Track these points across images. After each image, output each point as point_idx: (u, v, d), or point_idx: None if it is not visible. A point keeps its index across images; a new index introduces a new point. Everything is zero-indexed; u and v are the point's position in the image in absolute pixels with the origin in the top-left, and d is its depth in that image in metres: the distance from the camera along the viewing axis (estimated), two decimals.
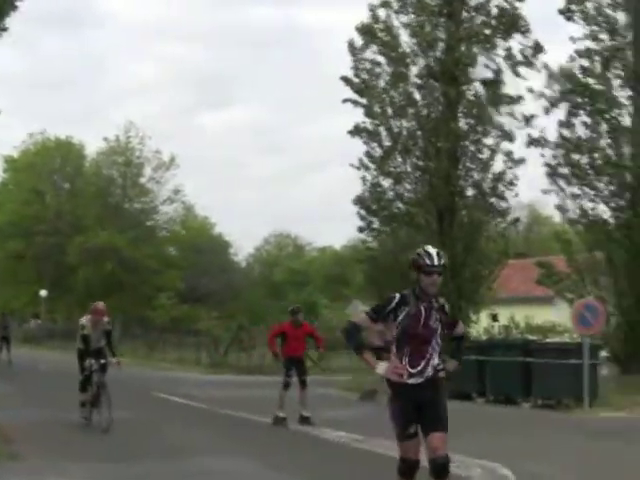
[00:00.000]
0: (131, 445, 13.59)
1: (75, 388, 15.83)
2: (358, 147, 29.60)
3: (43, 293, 64.93)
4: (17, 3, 31.23)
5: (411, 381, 7.17)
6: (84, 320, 15.47)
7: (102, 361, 15.10)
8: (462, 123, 28.20)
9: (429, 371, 7.20)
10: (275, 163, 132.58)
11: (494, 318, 33.18)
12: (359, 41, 29.38)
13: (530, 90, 27.28)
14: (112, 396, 14.61)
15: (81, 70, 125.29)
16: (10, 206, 71.25)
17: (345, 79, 29.20)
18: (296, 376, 16.74)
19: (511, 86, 27.88)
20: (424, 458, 7.36)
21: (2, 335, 34.99)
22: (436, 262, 7.09)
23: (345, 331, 7.38)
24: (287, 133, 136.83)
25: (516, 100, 27.72)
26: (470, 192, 28.28)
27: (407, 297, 7.19)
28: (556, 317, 36.38)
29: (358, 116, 29.38)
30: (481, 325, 30.26)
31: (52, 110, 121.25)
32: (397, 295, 7.22)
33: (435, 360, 7.23)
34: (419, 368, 7.19)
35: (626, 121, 26.80)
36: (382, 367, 7.17)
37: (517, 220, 30.11)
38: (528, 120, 27.55)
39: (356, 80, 29.20)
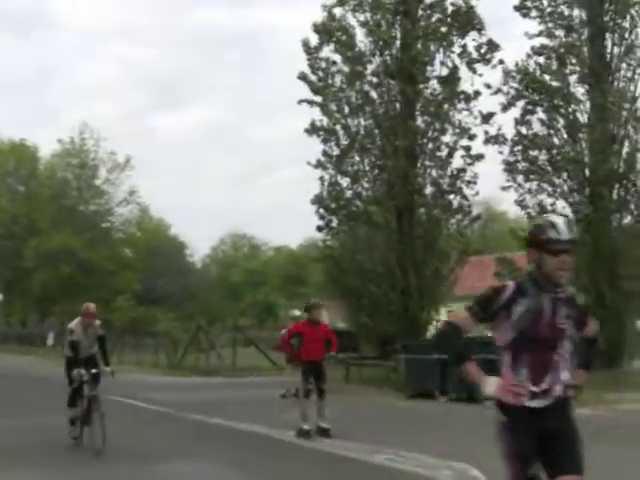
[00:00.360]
0: (89, 449, 13.26)
1: (31, 393, 15.48)
2: (314, 147, 29.44)
3: None
4: None
5: (534, 404, 5.20)
6: (73, 324, 13.46)
7: (94, 371, 13.12)
8: (419, 121, 28.08)
9: (558, 390, 5.22)
10: (230, 164, 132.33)
11: None
12: (314, 40, 29.23)
13: (487, 86, 27.31)
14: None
15: (35, 72, 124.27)
16: None
17: (302, 77, 29.00)
18: (314, 384, 14.90)
19: (467, 83, 27.86)
20: None
21: None
22: (566, 236, 5.02)
23: (441, 335, 5.63)
24: (242, 134, 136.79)
25: (473, 97, 27.69)
26: (429, 190, 28.17)
27: (525, 286, 5.17)
28: None
29: (314, 116, 29.22)
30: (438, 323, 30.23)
31: (5, 112, 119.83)
32: (511, 284, 5.22)
33: (565, 374, 5.27)
34: (544, 386, 5.19)
35: (583, 117, 26.88)
36: (492, 384, 5.10)
37: (478, 217, 30.09)
38: (486, 117, 27.53)
39: (313, 78, 29.01)
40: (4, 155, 74.56)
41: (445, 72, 27.89)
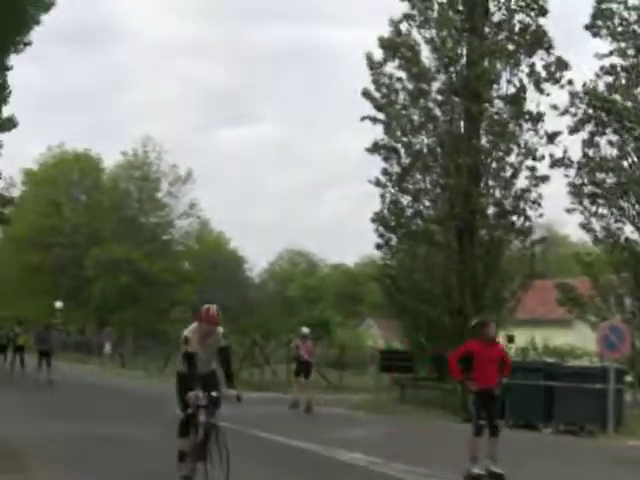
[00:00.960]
0: (148, 466, 13.03)
1: (89, 400, 15.22)
2: (375, 165, 29.05)
3: (58, 305, 64.51)
4: (40, 17, 31.29)
5: None
6: (189, 332, 10.67)
7: (214, 394, 10.44)
8: (484, 140, 27.60)
9: None
10: (291, 179, 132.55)
11: (510, 340, 32.54)
12: (378, 55, 28.91)
13: (554, 107, 26.76)
14: (128, 413, 13.53)
15: (100, 85, 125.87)
16: (28, 218, 71.23)
17: (366, 94, 28.68)
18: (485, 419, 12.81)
19: (533, 103, 27.31)
20: None
21: (40, 350, 30.68)
22: None
23: None
24: (304, 149, 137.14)
25: (539, 117, 27.15)
26: (491, 210, 27.62)
27: None
28: (574, 340, 35.82)
29: (376, 133, 28.88)
30: None
31: (70, 124, 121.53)
32: None
33: None
34: None
35: None
36: None
37: (543, 240, 29.31)
38: (551, 137, 26.98)
39: (376, 95, 28.70)
40: (68, 165, 75.58)
41: (511, 91, 27.34)
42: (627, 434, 19.65)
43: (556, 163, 26.84)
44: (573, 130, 26.72)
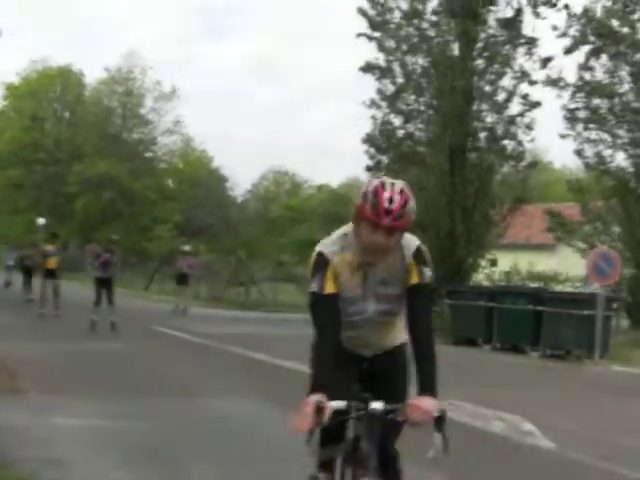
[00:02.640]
0: (138, 381, 13.08)
1: (75, 319, 15.14)
2: (363, 82, 28.76)
3: (41, 221, 63.95)
4: None
5: None
6: (329, 246, 4.40)
7: (377, 406, 4.13)
8: (478, 62, 27.33)
9: None
10: (276, 97, 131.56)
11: (493, 263, 32.65)
12: None
13: (554, 27, 26.38)
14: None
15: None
16: (10, 133, 70.41)
17: (361, 11, 28.29)
18: None
19: (529, 27, 26.99)
20: None
21: (100, 278, 21.40)
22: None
23: None
24: (289, 65, 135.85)
25: (534, 41, 26.85)
26: (483, 134, 27.50)
27: None
28: (557, 265, 36.05)
29: (365, 52, 28.55)
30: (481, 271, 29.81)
31: (54, 39, 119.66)
32: None
33: None
34: None
35: None
36: None
37: (535, 164, 29.26)
38: (546, 62, 26.73)
39: (371, 12, 28.27)
40: (51, 80, 74.46)
41: (509, 14, 26.98)
42: (612, 360, 19.89)
43: (551, 82, 26.61)
44: (569, 50, 26.40)
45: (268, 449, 8.58)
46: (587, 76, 26.40)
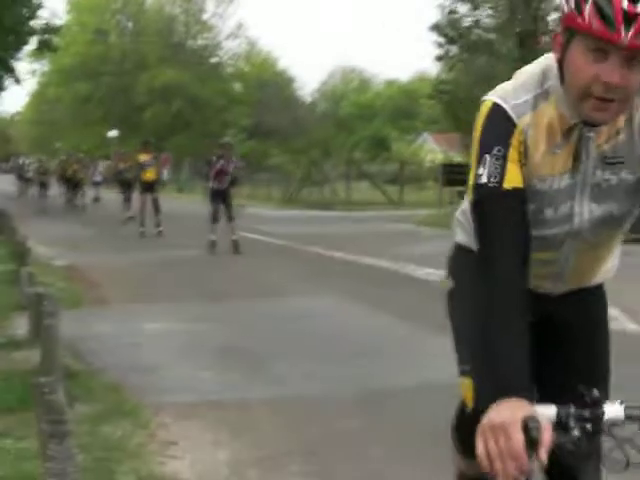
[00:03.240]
0: (217, 285, 13.24)
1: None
2: None
3: (113, 134, 64.40)
4: None
5: None
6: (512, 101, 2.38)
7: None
8: None
9: None
10: None
11: None
12: None
13: None
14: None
15: None
16: (75, 48, 70.56)
17: None
18: None
19: None
20: None
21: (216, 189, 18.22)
22: None
23: None
24: None
25: None
26: (552, 16, 26.73)
27: None
28: None
29: None
30: None
31: None
32: None
33: None
34: None
35: None
36: None
37: None
38: None
39: None
40: None
41: None
42: None
43: None
44: None
45: (354, 345, 8.67)
46: None
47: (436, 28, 27.86)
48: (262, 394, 6.86)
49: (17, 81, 31.81)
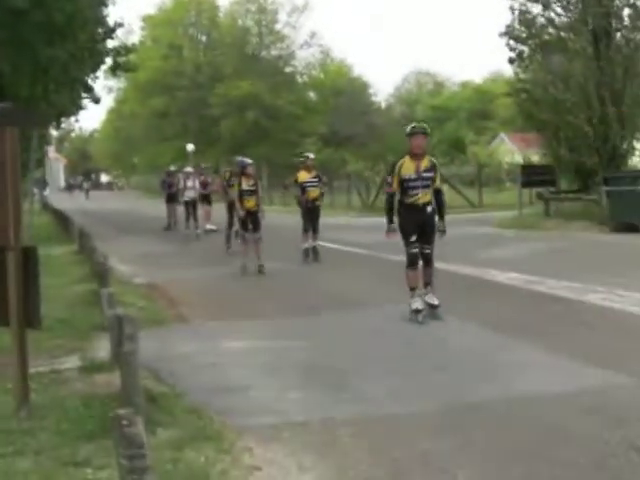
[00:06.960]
0: (299, 298, 13.23)
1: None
2: None
3: (190, 147, 65.12)
4: None
5: None
6: None
7: None
8: None
9: None
10: None
11: None
12: None
13: None
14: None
15: None
16: (150, 63, 71.72)
17: None
18: None
19: None
20: None
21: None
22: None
23: None
24: None
25: None
26: (627, 12, 26.21)
27: None
28: None
29: None
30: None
31: None
32: None
33: None
34: None
35: None
36: None
37: None
38: None
39: None
40: (184, 7, 75.21)
41: None
42: None
43: None
44: None
45: (439, 358, 8.59)
46: None
47: (508, 30, 27.53)
48: (346, 414, 6.78)
49: (96, 101, 32.03)
